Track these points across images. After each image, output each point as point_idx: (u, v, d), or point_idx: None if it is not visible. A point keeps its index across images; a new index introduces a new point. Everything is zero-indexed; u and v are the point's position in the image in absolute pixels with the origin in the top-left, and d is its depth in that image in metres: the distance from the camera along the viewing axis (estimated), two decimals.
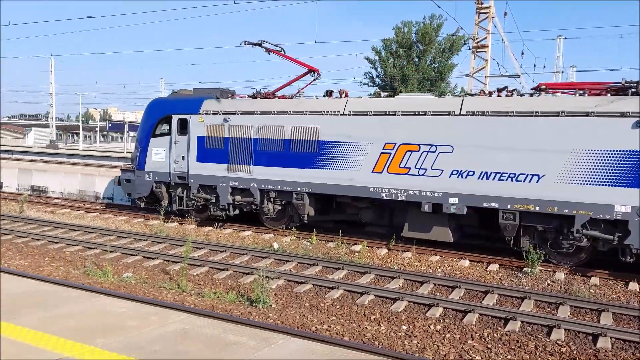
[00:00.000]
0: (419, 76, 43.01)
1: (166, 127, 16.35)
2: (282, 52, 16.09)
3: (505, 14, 27.78)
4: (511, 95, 12.34)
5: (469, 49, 28.78)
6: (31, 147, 49.50)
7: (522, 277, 11.17)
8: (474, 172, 11.99)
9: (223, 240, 14.42)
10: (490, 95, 12.78)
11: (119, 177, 17.77)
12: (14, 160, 31.23)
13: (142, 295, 9.22)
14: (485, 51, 27.60)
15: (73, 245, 13.19)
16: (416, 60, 43.93)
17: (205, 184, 15.60)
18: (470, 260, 12.29)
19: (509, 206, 11.61)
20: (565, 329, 8.15)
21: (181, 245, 13.16)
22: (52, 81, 45.34)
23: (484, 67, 27.89)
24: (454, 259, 12.39)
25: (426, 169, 12.54)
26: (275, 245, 13.78)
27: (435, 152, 12.44)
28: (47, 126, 58.44)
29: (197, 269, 11.29)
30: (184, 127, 15.95)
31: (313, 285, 10.28)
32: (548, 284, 10.81)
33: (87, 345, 4.57)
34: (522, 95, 12.44)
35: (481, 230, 13.42)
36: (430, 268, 11.91)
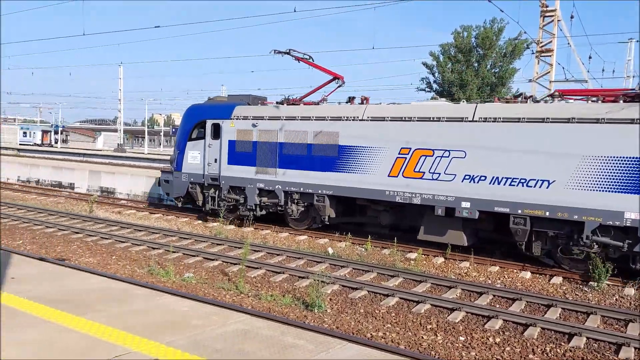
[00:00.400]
0: (479, 81, 42.03)
1: (201, 131, 17.36)
2: (311, 60, 16.72)
3: (572, 17, 26.67)
4: (525, 102, 12.37)
5: (533, 53, 27.83)
6: (100, 150, 52.24)
7: (588, 291, 10.66)
8: (485, 177, 12.18)
9: (279, 244, 14.64)
10: (507, 102, 12.86)
11: (159, 178, 19.08)
12: (85, 162, 33.06)
13: (202, 295, 9.52)
14: (550, 55, 26.58)
15: (138, 245, 13.79)
16: (476, 65, 42.97)
17: (235, 185, 16.52)
18: (531, 272, 11.86)
19: (519, 211, 11.72)
20: (635, 348, 7.71)
21: (239, 248, 13.47)
22: (121, 88, 47.75)
23: (549, 72, 26.87)
24: (515, 270, 12.00)
25: (440, 174, 12.79)
26: (330, 251, 13.85)
27: (448, 157, 12.69)
28: (115, 130, 61.52)
29: (254, 271, 11.52)
30: (217, 132, 16.88)
31: (368, 291, 10.25)
32: (616, 299, 10.26)
33: (153, 342, 4.77)
34: (537, 102, 12.49)
35: (496, 235, 13.39)
36: (489, 279, 11.59)
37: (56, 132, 67.12)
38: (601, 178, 10.81)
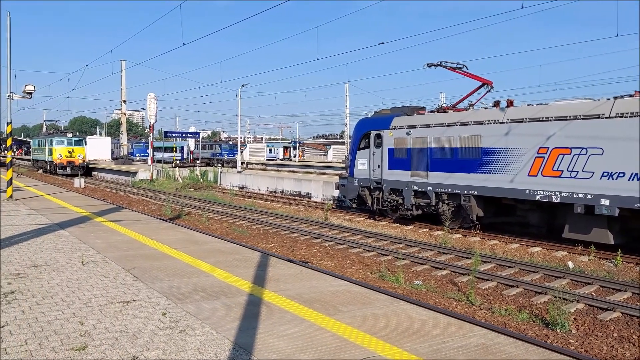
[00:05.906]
0: None
1: (367, 141, 19.77)
2: (464, 69, 17.59)
3: None
4: None
5: None
6: (330, 162, 56.95)
7: None
8: (624, 173, 12.00)
9: (510, 255, 13.91)
10: None
11: (337, 182, 22.24)
12: (318, 174, 36.42)
13: (433, 304, 9.61)
14: None
15: (369, 251, 14.60)
16: None
17: (394, 188, 18.64)
18: None
19: None
20: None
21: (466, 258, 13.21)
22: (347, 104, 51.31)
23: None
24: None
25: (577, 172, 12.96)
26: (570, 265, 12.64)
27: (585, 154, 12.78)
28: (342, 144, 66.29)
29: (484, 283, 11.17)
30: (379, 141, 19.15)
31: (622, 313, 9.02)
32: None
33: (395, 347, 5.01)
34: None
35: None
36: None
37: (294, 148, 75.54)
38: None
